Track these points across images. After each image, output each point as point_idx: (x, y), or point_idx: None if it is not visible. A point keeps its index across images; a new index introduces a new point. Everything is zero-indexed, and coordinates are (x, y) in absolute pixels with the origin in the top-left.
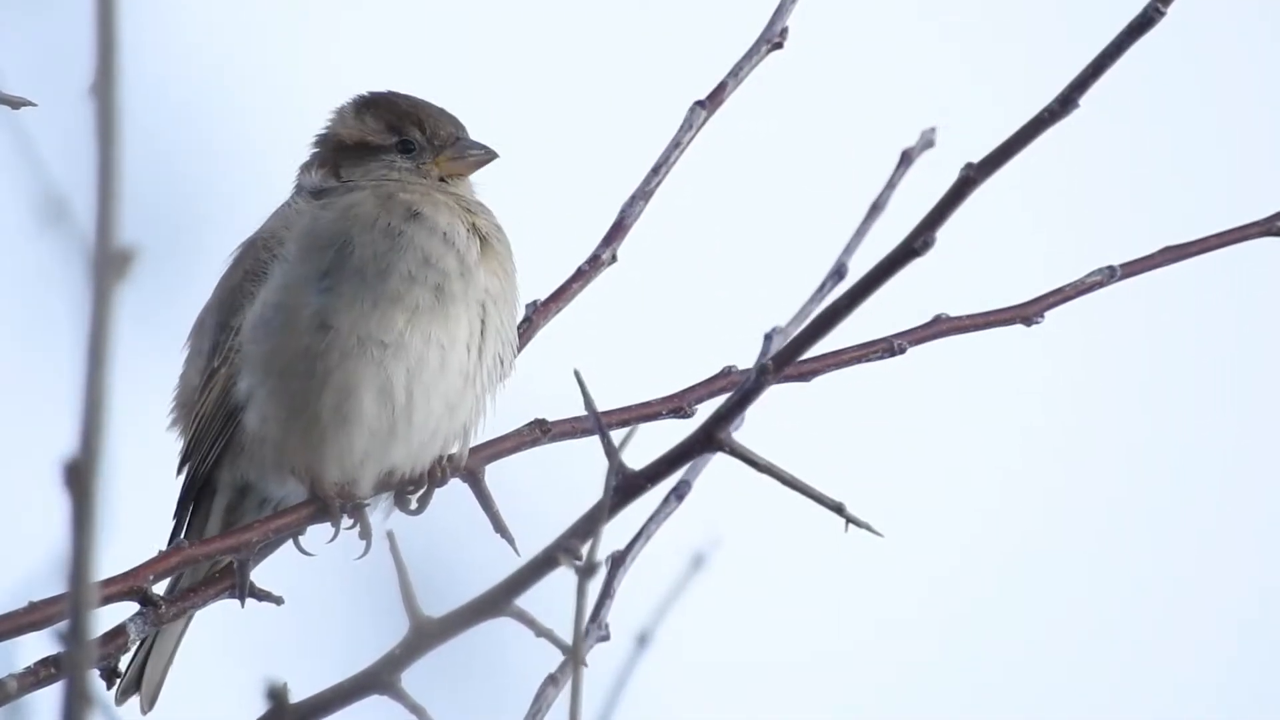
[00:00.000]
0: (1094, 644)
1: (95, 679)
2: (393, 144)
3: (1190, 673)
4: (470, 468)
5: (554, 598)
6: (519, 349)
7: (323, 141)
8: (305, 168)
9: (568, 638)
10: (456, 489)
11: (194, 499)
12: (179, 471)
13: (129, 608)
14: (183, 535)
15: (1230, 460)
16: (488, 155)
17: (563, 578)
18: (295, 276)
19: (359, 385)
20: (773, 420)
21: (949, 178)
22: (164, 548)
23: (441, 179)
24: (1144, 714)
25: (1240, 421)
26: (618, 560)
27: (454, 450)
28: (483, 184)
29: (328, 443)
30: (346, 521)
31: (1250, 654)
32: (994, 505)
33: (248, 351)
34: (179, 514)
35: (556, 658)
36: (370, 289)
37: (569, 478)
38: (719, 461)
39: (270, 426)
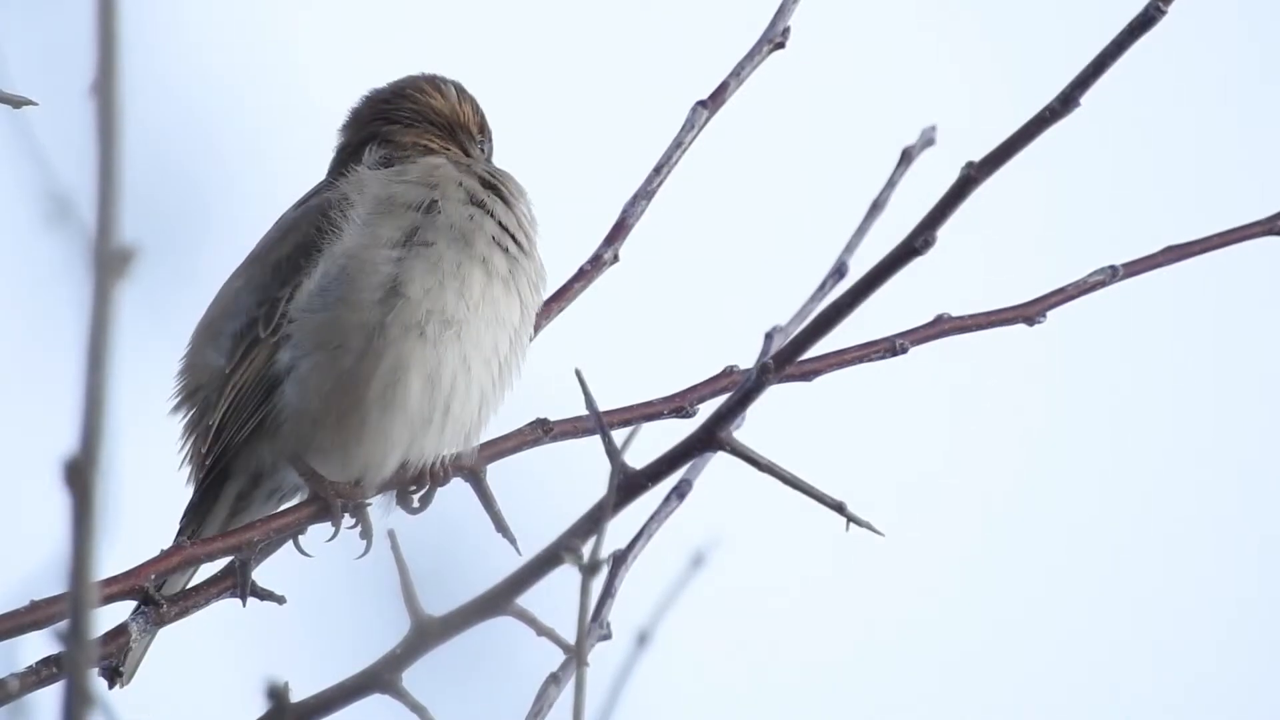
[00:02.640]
0: (1095, 642)
1: (96, 678)
2: (477, 138)
3: (1189, 672)
4: (472, 467)
5: (556, 597)
6: None
7: (398, 109)
8: (365, 138)
9: (569, 637)
10: (458, 488)
11: (206, 484)
12: (204, 448)
13: (130, 606)
14: (190, 519)
15: (1232, 459)
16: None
17: (564, 577)
18: (366, 241)
19: (410, 366)
20: (774, 420)
21: (951, 176)
22: (165, 546)
23: None
24: (1143, 713)
25: (1242, 421)
26: (619, 559)
27: (459, 449)
28: None
29: (368, 425)
30: (348, 521)
31: (1248, 653)
32: (995, 504)
33: (301, 320)
34: (199, 488)
35: (558, 657)
36: (455, 250)
37: (571, 477)
38: (720, 460)
39: (312, 401)
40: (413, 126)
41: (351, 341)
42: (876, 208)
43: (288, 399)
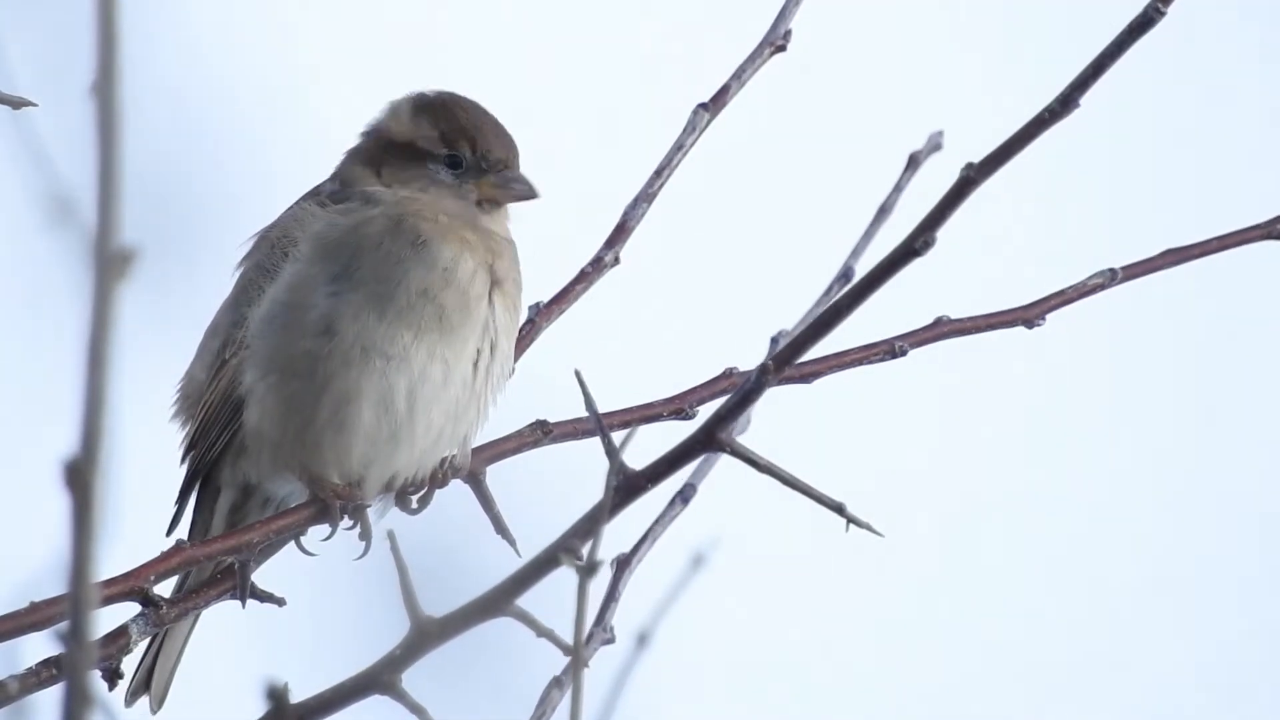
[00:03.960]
0: (1096, 644)
1: (96, 680)
2: (442, 155)
3: (1190, 674)
4: (472, 469)
5: (557, 598)
6: (523, 351)
7: (371, 135)
8: (347, 161)
9: (569, 638)
10: (457, 489)
11: (198, 497)
12: (182, 461)
13: (131, 608)
14: (185, 532)
15: (1230, 461)
16: (529, 192)
17: (566, 578)
18: (305, 277)
19: (359, 394)
20: (775, 422)
21: (951, 178)
22: (165, 547)
23: (479, 202)
24: (1146, 715)
25: (1241, 424)
26: (623, 563)
27: (454, 453)
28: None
29: (324, 446)
30: (346, 522)
31: (1248, 652)
32: (994, 506)
33: (254, 346)
34: (180, 502)
35: (558, 658)
36: (376, 305)
37: (570, 479)
38: (720, 462)
39: (267, 423)
40: (369, 161)
41: (299, 366)
42: (883, 212)
43: (249, 421)
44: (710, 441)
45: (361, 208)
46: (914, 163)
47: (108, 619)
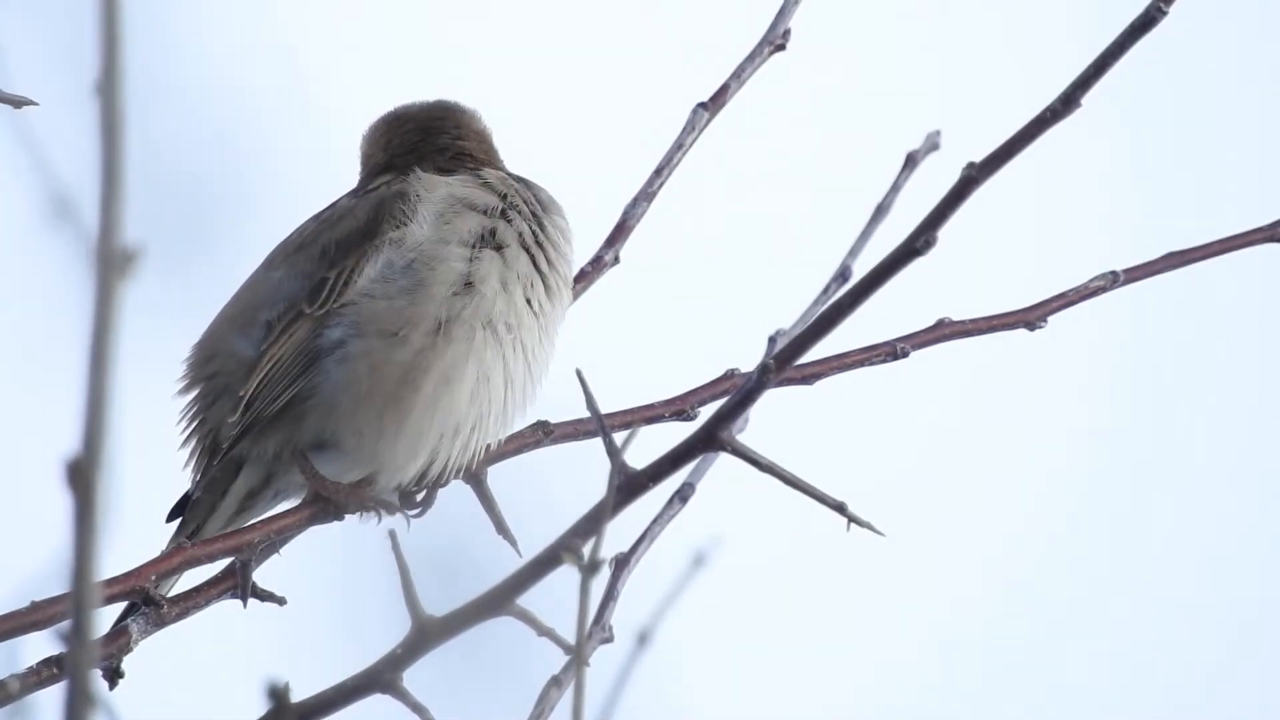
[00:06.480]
0: (1095, 646)
1: (97, 679)
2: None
3: (1191, 675)
4: (473, 469)
5: (557, 597)
6: None
7: (459, 127)
8: (411, 149)
9: (570, 637)
10: (459, 490)
11: (211, 479)
12: (231, 417)
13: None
14: (193, 513)
15: (1234, 465)
16: None
17: (566, 577)
18: (439, 237)
19: (464, 374)
20: (776, 423)
21: (952, 177)
22: (166, 545)
23: None
24: (1145, 714)
25: (1243, 427)
26: (621, 562)
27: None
28: None
29: (409, 422)
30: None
31: (1253, 660)
32: (995, 507)
33: (362, 304)
34: (205, 474)
35: (559, 658)
36: (525, 259)
37: (571, 480)
38: (721, 461)
39: (357, 383)
40: (465, 140)
41: (414, 335)
42: (881, 211)
43: (328, 376)
44: (711, 441)
45: (486, 170)
46: (911, 162)
47: (109, 618)
